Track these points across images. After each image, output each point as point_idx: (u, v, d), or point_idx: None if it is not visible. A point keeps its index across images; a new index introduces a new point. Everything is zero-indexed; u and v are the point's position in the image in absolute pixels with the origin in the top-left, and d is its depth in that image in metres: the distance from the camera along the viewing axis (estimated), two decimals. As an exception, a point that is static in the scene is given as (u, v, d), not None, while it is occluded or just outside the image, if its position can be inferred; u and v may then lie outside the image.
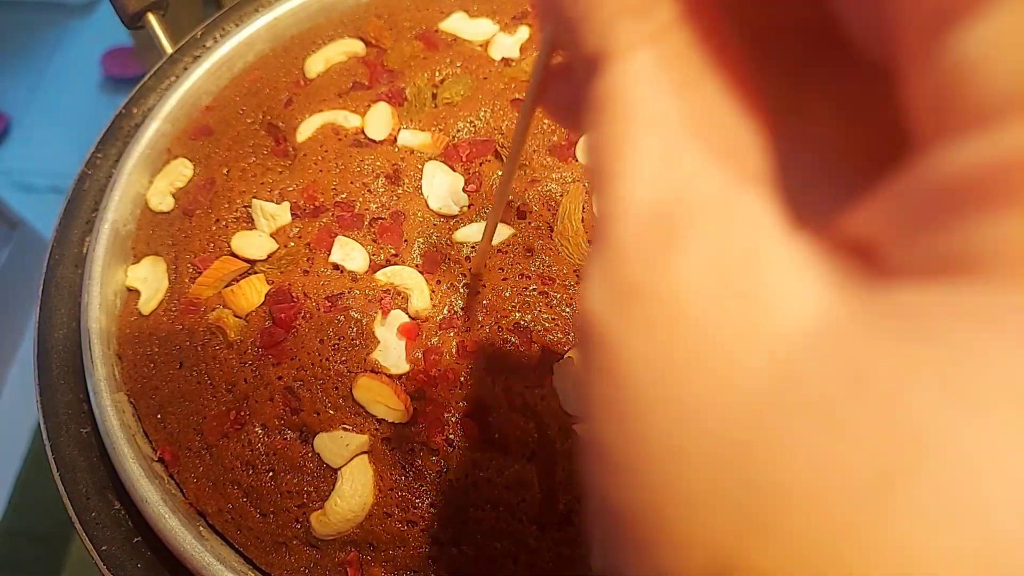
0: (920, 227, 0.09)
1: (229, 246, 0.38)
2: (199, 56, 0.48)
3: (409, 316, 0.34)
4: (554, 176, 0.38)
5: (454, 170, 0.39)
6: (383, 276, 0.35)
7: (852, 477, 0.08)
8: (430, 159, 0.39)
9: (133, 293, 0.40)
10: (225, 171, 0.41)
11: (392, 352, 0.33)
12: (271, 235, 0.38)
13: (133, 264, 0.41)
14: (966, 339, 0.08)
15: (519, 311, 0.34)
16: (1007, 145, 0.08)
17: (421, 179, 0.38)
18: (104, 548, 0.34)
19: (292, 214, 0.38)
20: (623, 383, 0.11)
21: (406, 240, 0.37)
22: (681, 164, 0.11)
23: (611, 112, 0.12)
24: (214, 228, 0.39)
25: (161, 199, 0.42)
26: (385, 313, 0.34)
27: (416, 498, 0.32)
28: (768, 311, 0.10)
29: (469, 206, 0.37)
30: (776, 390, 0.09)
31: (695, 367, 0.10)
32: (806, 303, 0.10)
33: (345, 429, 0.33)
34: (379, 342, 0.34)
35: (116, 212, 0.41)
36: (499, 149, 0.39)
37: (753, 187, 0.11)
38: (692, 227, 0.11)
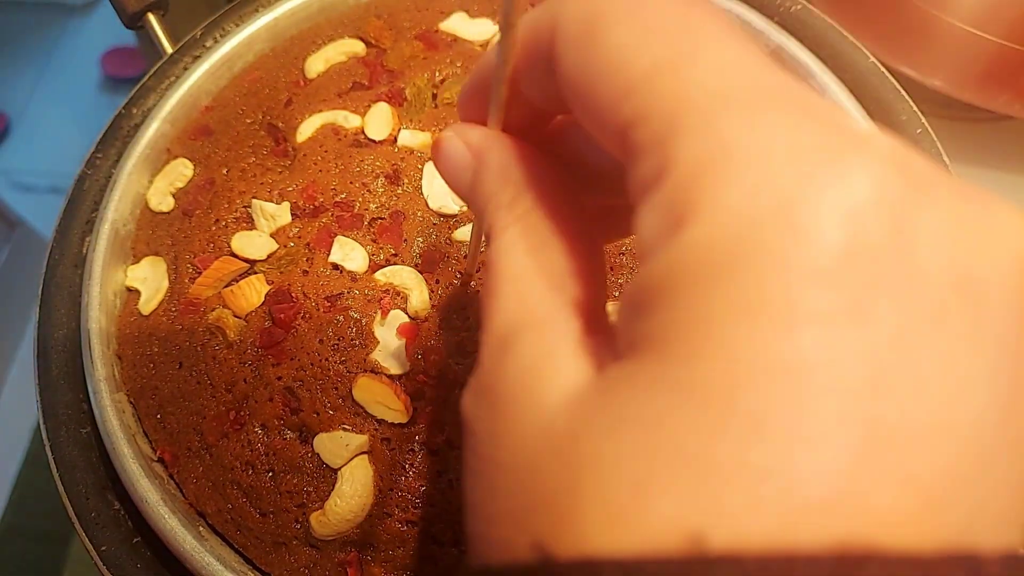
0: (624, 320, 0.15)
1: (229, 246, 0.38)
2: (199, 56, 0.48)
3: (408, 316, 0.34)
4: (554, 176, 0.38)
5: (454, 170, 0.39)
6: (382, 276, 0.35)
7: (567, 486, 0.13)
8: (430, 159, 0.39)
9: (133, 293, 0.40)
10: (225, 171, 0.41)
11: (392, 352, 0.33)
12: (271, 235, 0.38)
13: (133, 264, 0.41)
14: (627, 395, 0.13)
15: (519, 311, 0.34)
16: (650, 271, 0.14)
17: (421, 179, 0.38)
18: (104, 548, 0.34)
19: (292, 214, 0.38)
20: (476, 452, 0.16)
21: (405, 240, 0.37)
22: (526, 301, 0.17)
23: (489, 271, 0.18)
24: (214, 228, 0.39)
25: (161, 199, 0.42)
26: (384, 313, 0.34)
27: (416, 498, 0.32)
28: (547, 392, 0.15)
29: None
30: (538, 446, 0.14)
31: (507, 436, 0.15)
32: (572, 383, 0.15)
33: (345, 429, 0.33)
34: (379, 342, 0.34)
35: (116, 212, 0.41)
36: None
37: (569, 309, 0.17)
38: (518, 343, 0.16)
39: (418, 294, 0.35)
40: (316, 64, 0.45)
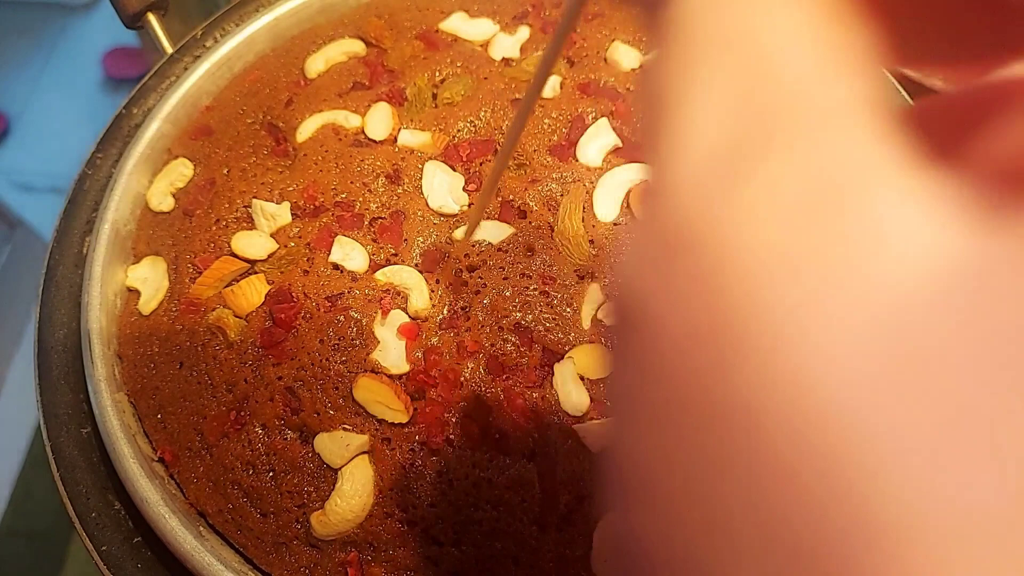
0: None
1: (229, 246, 0.38)
2: (199, 56, 0.48)
3: (409, 316, 0.34)
4: (554, 176, 0.38)
5: (454, 170, 0.39)
6: (382, 276, 0.35)
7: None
8: (430, 159, 0.39)
9: (133, 293, 0.40)
10: (225, 171, 0.41)
11: (392, 352, 0.33)
12: (271, 235, 0.38)
13: (133, 264, 0.41)
14: None
15: (520, 311, 0.34)
16: None
17: (421, 179, 0.38)
18: (104, 548, 0.34)
19: (292, 214, 0.38)
20: (658, 374, 0.08)
21: (406, 239, 0.37)
22: (777, 73, 0.08)
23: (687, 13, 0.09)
24: (214, 228, 0.39)
25: (161, 199, 0.42)
26: (385, 313, 0.34)
27: (416, 498, 0.32)
28: (872, 259, 0.07)
29: (469, 205, 0.37)
30: (878, 370, 0.07)
31: (752, 345, 0.07)
32: (927, 247, 0.07)
33: (345, 429, 0.33)
34: (379, 342, 0.34)
35: (116, 212, 0.41)
36: (499, 149, 0.39)
37: (872, 104, 0.08)
38: (773, 150, 0.07)
39: (418, 294, 0.35)
40: (316, 64, 0.45)
